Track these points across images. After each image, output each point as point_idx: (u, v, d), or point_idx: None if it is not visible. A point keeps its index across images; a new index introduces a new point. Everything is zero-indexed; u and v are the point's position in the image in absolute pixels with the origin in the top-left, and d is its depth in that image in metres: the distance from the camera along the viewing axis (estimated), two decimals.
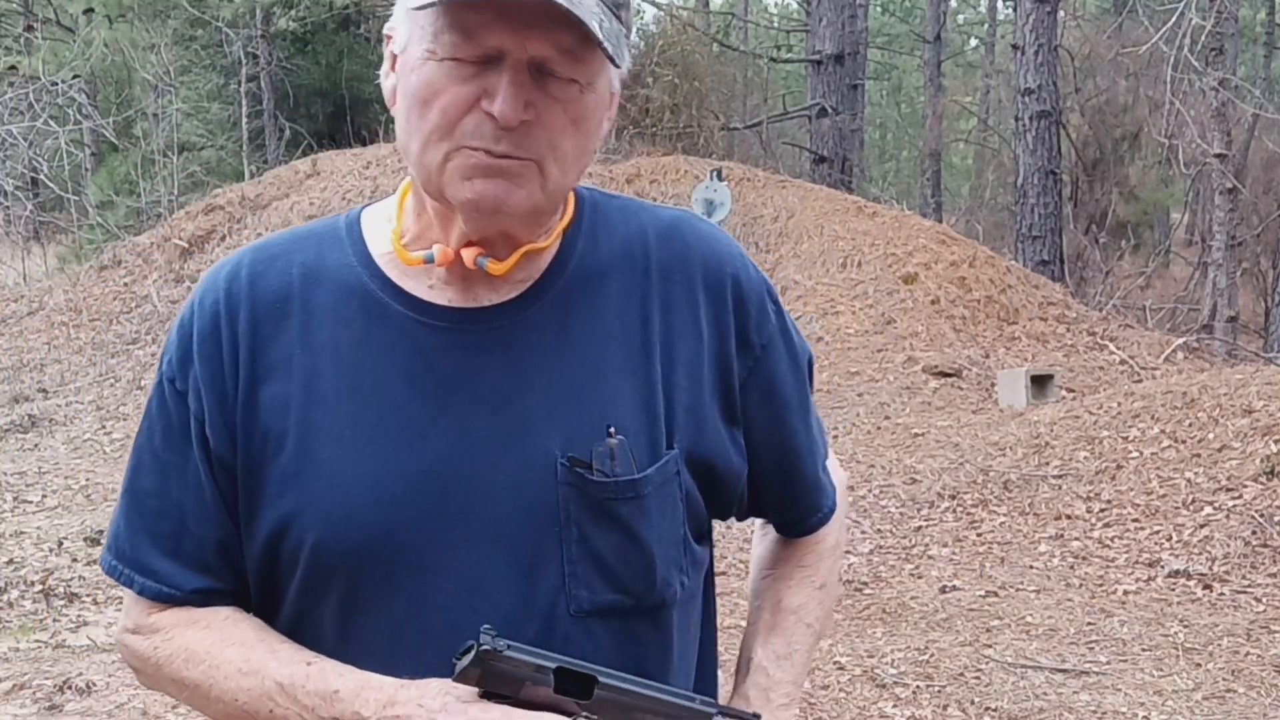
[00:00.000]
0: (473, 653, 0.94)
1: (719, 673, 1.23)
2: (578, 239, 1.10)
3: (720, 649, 1.24)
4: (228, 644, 1.03)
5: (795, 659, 1.21)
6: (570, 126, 0.99)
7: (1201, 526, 5.57)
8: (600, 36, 0.94)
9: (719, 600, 1.22)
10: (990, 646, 4.41)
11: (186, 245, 12.93)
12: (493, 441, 1.01)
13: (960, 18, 32.55)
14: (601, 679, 0.98)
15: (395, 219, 1.09)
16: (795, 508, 1.24)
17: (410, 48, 1.00)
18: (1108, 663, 4.24)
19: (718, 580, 1.21)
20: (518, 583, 1.01)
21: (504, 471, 1.01)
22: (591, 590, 1.03)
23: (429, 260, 1.05)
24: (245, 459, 1.03)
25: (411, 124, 1.00)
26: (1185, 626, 4.59)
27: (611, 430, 1.03)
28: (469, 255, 1.04)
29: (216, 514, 1.05)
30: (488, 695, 0.96)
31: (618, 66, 1.00)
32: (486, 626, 0.95)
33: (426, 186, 1.03)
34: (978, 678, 4.12)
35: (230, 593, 1.07)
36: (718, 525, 1.19)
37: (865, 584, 5.27)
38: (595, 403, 1.04)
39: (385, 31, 1.05)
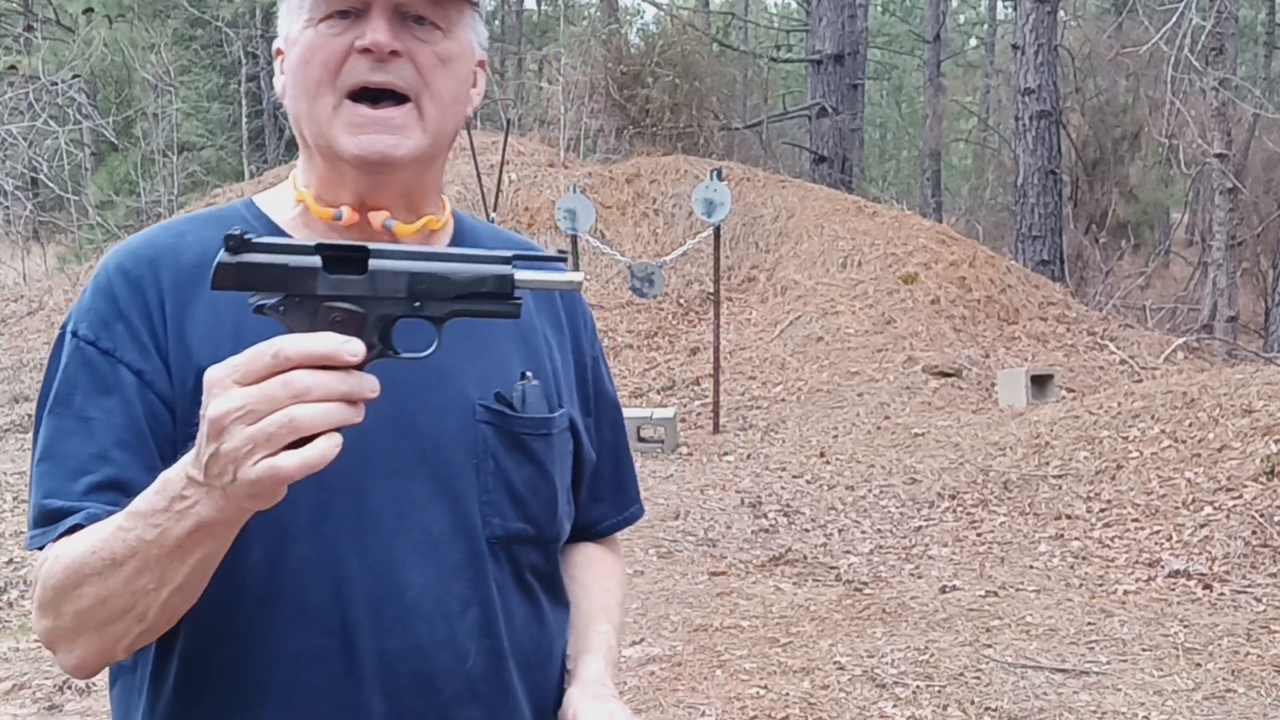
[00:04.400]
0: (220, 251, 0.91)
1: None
2: (465, 233, 1.23)
3: (721, 648, 1.24)
4: (88, 533, 1.00)
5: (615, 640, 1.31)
6: (440, 66, 1.10)
7: (1201, 526, 5.57)
8: None
9: (719, 600, 1.23)
10: (990, 646, 4.41)
11: None
12: (413, 385, 1.08)
13: (960, 18, 32.55)
14: (372, 248, 0.93)
15: (293, 190, 1.17)
16: (624, 499, 1.38)
17: (291, 31, 1.11)
18: (1108, 663, 4.24)
19: (717, 580, 1.22)
20: (442, 508, 1.10)
21: (425, 412, 1.11)
22: (503, 517, 1.14)
23: (339, 218, 1.12)
24: (184, 401, 1.05)
25: (299, 85, 1.10)
26: (1185, 626, 4.59)
27: (527, 374, 1.17)
28: (377, 218, 1.12)
29: (145, 451, 1.04)
30: (258, 310, 0.92)
31: (475, 5, 1.12)
32: (234, 226, 0.93)
33: (318, 142, 1.10)
34: (978, 678, 4.12)
35: (126, 485, 1.03)
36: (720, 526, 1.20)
37: (865, 584, 5.27)
38: (497, 360, 1.17)
39: (275, 48, 1.16)
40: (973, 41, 31.73)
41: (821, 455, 7.59)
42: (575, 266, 8.59)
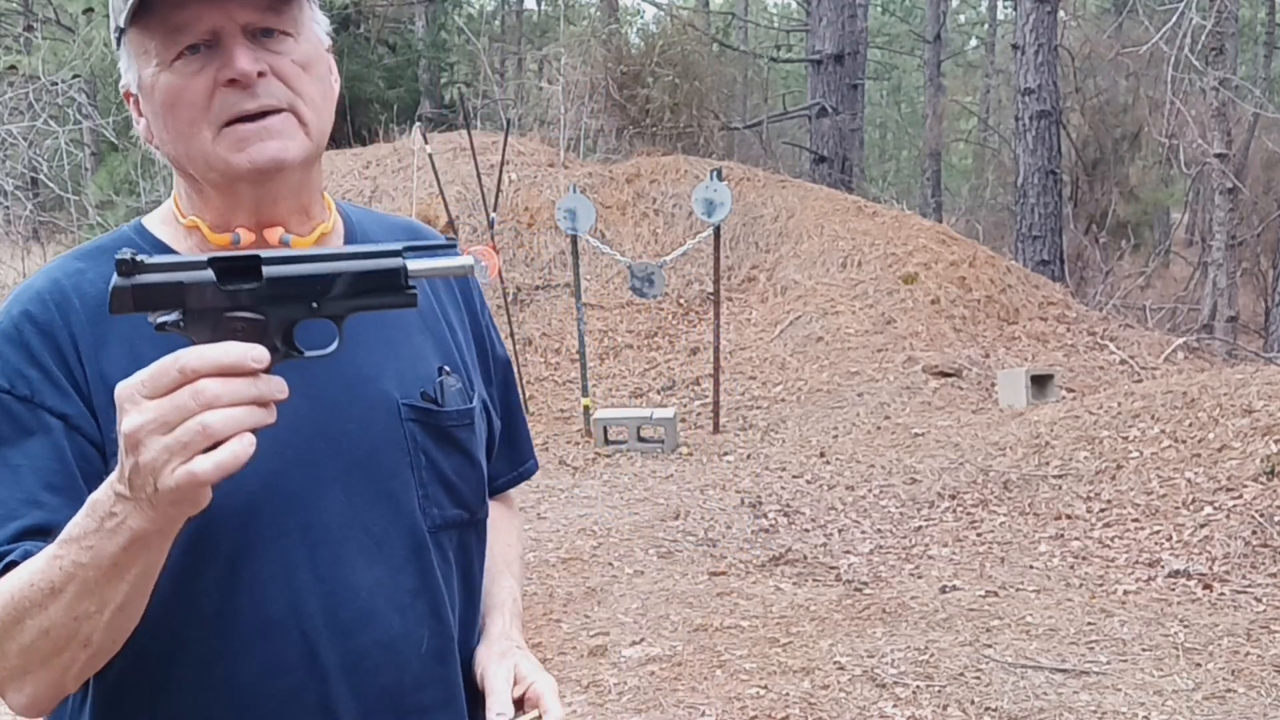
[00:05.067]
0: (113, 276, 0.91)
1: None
2: (355, 229, 1.26)
3: (721, 648, 1.25)
4: (23, 569, 0.99)
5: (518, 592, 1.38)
6: (303, 73, 1.11)
7: (1201, 526, 5.57)
8: None
9: (719, 600, 1.24)
10: (990, 646, 4.41)
11: None
12: (336, 394, 1.13)
13: (960, 18, 32.54)
14: (264, 255, 0.94)
15: (181, 217, 1.17)
16: (518, 455, 1.43)
17: (142, 75, 1.10)
18: (1108, 663, 4.24)
19: (717, 580, 1.22)
20: (383, 507, 1.14)
21: (352, 419, 1.14)
22: (440, 507, 1.19)
23: (236, 241, 1.14)
24: (112, 439, 1.02)
25: (171, 130, 1.10)
26: (1185, 626, 4.58)
27: (445, 369, 1.22)
28: (274, 235, 1.15)
29: (74, 493, 1.03)
30: (160, 328, 0.93)
31: None
32: (123, 249, 0.93)
33: (206, 176, 1.11)
34: (978, 678, 4.12)
35: (57, 529, 1.00)
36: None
37: (865, 584, 5.27)
38: (410, 356, 1.20)
39: (123, 90, 1.15)
40: (973, 41, 31.73)
41: (821, 455, 7.58)
42: (576, 279, 8.59)
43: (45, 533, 1.01)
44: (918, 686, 4.05)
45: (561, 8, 23.91)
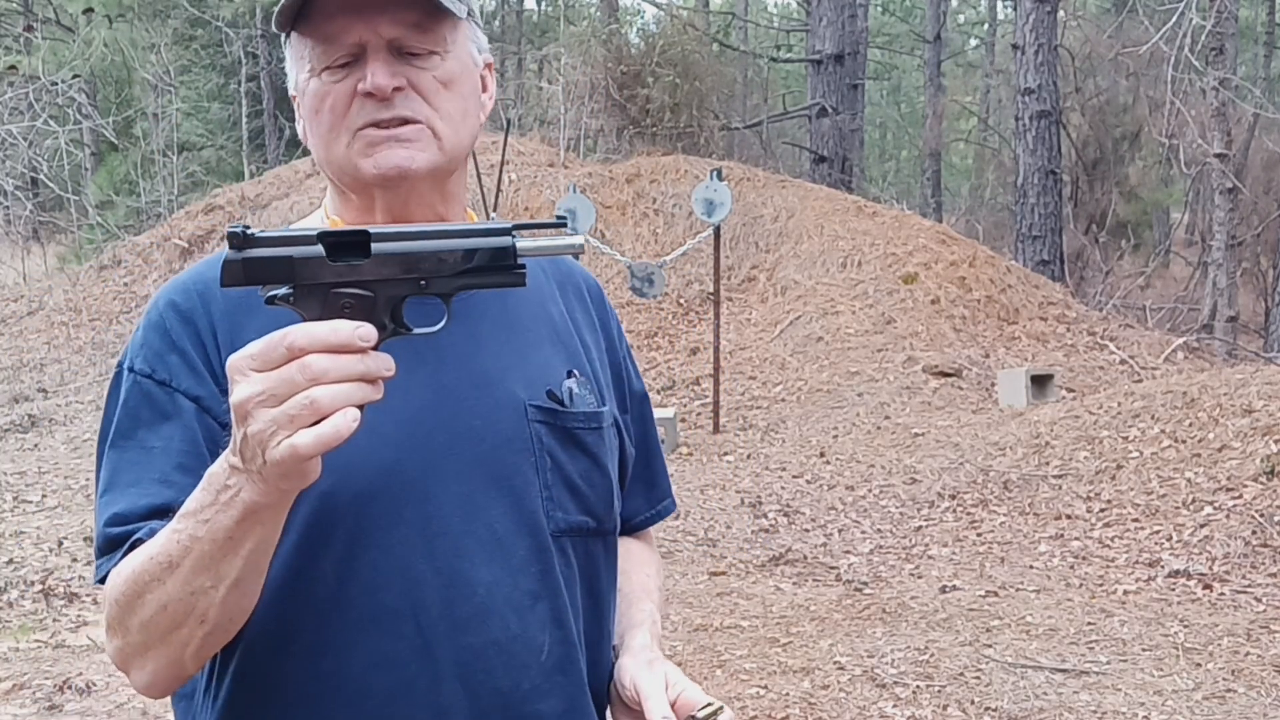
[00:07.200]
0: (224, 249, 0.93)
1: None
2: None
3: (721, 648, 1.25)
4: (146, 545, 1.02)
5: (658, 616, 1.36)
6: (443, 89, 1.14)
7: (1201, 526, 5.57)
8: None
9: (719, 600, 1.24)
10: (990, 646, 4.41)
11: (186, 245, 12.93)
12: (464, 389, 1.13)
13: (960, 18, 32.54)
14: (373, 230, 0.95)
15: (325, 217, 1.22)
16: (656, 493, 1.40)
17: (299, 79, 1.16)
18: (1108, 663, 4.24)
19: (717, 580, 1.23)
20: (505, 506, 1.13)
21: (478, 415, 1.14)
22: (565, 511, 1.16)
23: None
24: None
25: (315, 133, 1.15)
26: (1185, 626, 4.58)
27: (573, 372, 1.21)
28: None
29: (203, 472, 1.05)
30: (269, 301, 0.94)
31: (464, 18, 1.15)
32: (232, 224, 0.95)
33: (343, 179, 1.16)
34: (978, 678, 4.12)
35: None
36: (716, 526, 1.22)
37: (865, 584, 5.27)
38: (539, 363, 1.20)
39: (290, 93, 1.21)
40: (973, 41, 31.72)
41: (821, 455, 7.58)
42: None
43: (174, 512, 1.03)
44: (918, 686, 4.05)
45: (561, 8, 23.92)
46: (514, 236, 0.97)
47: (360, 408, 0.89)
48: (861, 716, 3.85)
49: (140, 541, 1.02)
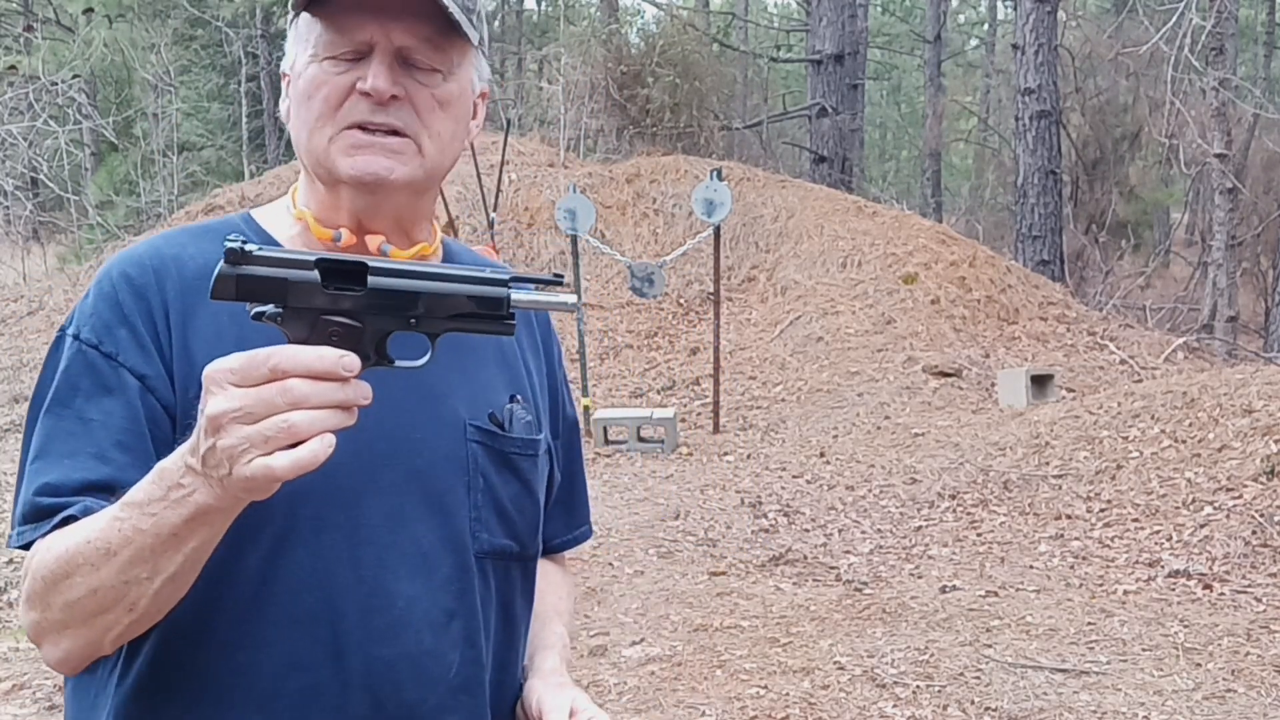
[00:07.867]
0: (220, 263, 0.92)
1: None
2: (453, 260, 1.28)
3: (721, 648, 1.26)
4: (82, 525, 1.00)
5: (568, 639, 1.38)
6: (438, 109, 1.14)
7: (1201, 526, 5.57)
8: (457, 17, 1.10)
9: (719, 600, 1.24)
10: (990, 646, 4.41)
11: None
12: (408, 403, 1.13)
13: (960, 18, 32.52)
14: (371, 264, 0.94)
15: (293, 207, 1.21)
16: (575, 518, 1.42)
17: (298, 60, 1.15)
18: (1108, 663, 4.24)
19: (717, 580, 1.23)
20: (433, 521, 1.14)
21: (419, 429, 1.14)
22: (491, 533, 1.18)
23: (338, 239, 1.16)
24: (184, 408, 1.07)
25: (300, 116, 1.14)
26: (1185, 626, 4.58)
27: (517, 397, 1.23)
28: (374, 241, 1.17)
29: (143, 454, 1.05)
30: (257, 317, 0.94)
31: (475, 45, 1.16)
32: (231, 235, 0.94)
33: (317, 170, 1.15)
34: (978, 678, 4.12)
35: (121, 486, 1.02)
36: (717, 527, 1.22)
37: (865, 584, 5.27)
38: (483, 383, 1.21)
39: (282, 71, 1.20)
40: (973, 41, 31.71)
41: (821, 455, 7.58)
42: (576, 279, 8.59)
43: (108, 489, 1.02)
44: (918, 686, 4.05)
45: (561, 8, 23.93)
46: (510, 288, 0.97)
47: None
48: (861, 716, 3.85)
49: (73, 518, 1.01)
